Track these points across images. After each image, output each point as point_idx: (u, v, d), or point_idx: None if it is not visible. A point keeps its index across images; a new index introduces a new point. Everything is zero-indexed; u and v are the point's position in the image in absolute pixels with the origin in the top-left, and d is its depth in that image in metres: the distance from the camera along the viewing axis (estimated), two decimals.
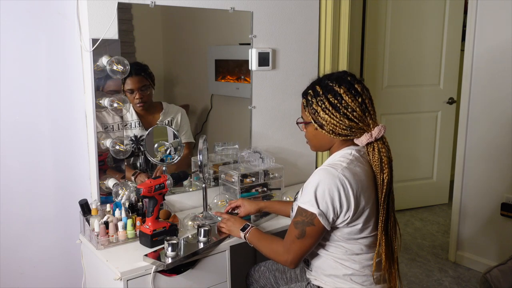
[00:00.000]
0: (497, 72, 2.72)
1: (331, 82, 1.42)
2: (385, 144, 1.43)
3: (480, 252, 2.92)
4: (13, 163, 1.85)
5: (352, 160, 1.42)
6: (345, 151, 1.46)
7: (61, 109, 1.92)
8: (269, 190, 2.19)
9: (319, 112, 1.42)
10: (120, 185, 1.87)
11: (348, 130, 1.41)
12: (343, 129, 1.41)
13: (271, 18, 2.34)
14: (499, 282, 1.95)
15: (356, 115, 1.39)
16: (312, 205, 1.37)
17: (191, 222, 1.92)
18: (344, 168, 1.38)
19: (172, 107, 2.13)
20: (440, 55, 3.76)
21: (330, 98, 1.40)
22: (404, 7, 3.60)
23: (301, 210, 1.40)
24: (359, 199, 1.38)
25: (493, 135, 2.78)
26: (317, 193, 1.36)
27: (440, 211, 3.93)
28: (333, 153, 1.49)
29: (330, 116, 1.40)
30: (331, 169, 1.38)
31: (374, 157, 1.42)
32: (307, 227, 1.39)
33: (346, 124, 1.40)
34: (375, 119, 1.43)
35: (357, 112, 1.39)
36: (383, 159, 1.42)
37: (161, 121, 2.09)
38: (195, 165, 2.21)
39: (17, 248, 1.91)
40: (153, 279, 1.58)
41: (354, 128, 1.40)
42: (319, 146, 1.52)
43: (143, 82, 2.01)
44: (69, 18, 1.85)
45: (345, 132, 1.41)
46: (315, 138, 1.50)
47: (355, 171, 1.39)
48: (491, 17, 2.71)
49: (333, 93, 1.40)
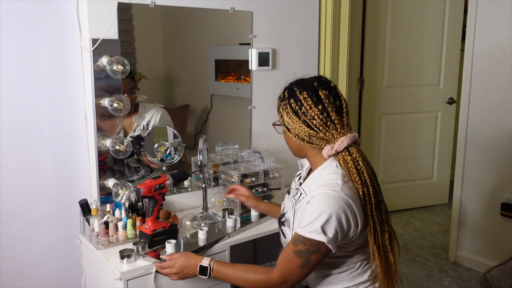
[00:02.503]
0: (497, 72, 2.72)
1: (296, 87, 1.39)
2: (351, 156, 1.33)
3: (480, 252, 2.92)
4: (13, 163, 1.85)
5: (343, 174, 1.34)
6: (329, 163, 1.38)
7: (61, 109, 1.92)
8: (269, 190, 2.18)
9: (284, 116, 1.40)
10: (120, 185, 1.87)
11: (308, 138, 1.36)
12: (304, 135, 1.36)
13: (271, 18, 2.34)
14: (499, 282, 1.95)
15: (316, 123, 1.33)
16: (319, 234, 1.28)
17: (189, 222, 1.92)
18: (342, 186, 1.30)
19: (149, 110, 2.06)
20: (440, 55, 3.76)
21: (292, 103, 1.37)
22: (404, 7, 3.60)
23: (305, 239, 1.30)
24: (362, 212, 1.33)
25: (493, 135, 2.78)
26: (323, 221, 1.27)
27: (440, 211, 3.93)
28: (315, 167, 1.43)
29: (292, 120, 1.37)
30: (330, 192, 1.29)
31: (345, 169, 1.33)
32: (313, 255, 1.30)
33: (306, 132, 1.35)
34: (342, 129, 1.34)
35: (317, 121, 1.33)
36: (352, 171, 1.32)
37: (137, 126, 2.03)
38: (195, 165, 2.21)
39: (17, 248, 1.91)
40: (153, 279, 1.58)
41: (314, 137, 1.35)
42: (293, 150, 1.49)
43: (131, 84, 2.00)
44: (69, 18, 1.85)
45: (306, 139, 1.37)
46: (287, 141, 1.49)
47: (350, 185, 1.32)
48: (491, 17, 2.71)
49: (294, 99, 1.37)
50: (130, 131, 2.02)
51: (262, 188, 2.16)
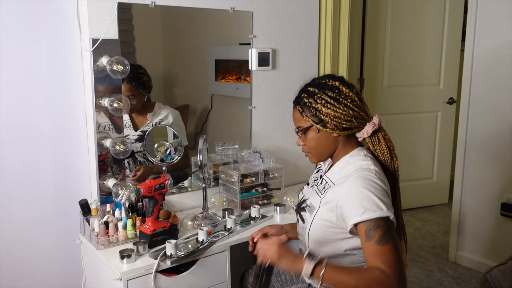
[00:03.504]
0: (497, 72, 2.72)
1: (322, 80, 1.44)
2: (385, 132, 1.45)
3: (480, 252, 2.92)
4: (13, 163, 1.85)
5: (372, 159, 1.42)
6: (356, 152, 1.44)
7: (61, 109, 1.92)
8: (269, 190, 2.19)
9: (321, 109, 1.40)
10: (120, 185, 1.87)
11: (352, 122, 1.40)
12: (347, 121, 1.40)
13: (271, 18, 2.34)
14: (499, 282, 1.95)
15: (356, 104, 1.41)
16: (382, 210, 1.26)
17: (190, 222, 1.93)
18: (376, 171, 1.36)
19: (164, 109, 2.11)
20: (440, 55, 3.76)
21: (329, 93, 1.40)
22: (404, 7, 3.60)
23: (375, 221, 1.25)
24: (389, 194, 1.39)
25: (493, 135, 2.78)
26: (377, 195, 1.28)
27: (440, 211, 3.93)
28: (339, 159, 1.46)
29: (333, 109, 1.39)
30: (367, 174, 1.34)
31: (381, 146, 1.43)
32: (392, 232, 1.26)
33: (350, 115, 1.39)
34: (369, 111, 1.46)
35: (357, 102, 1.41)
36: (390, 146, 1.44)
37: (150, 123, 2.08)
38: (195, 165, 2.21)
39: (17, 248, 1.91)
40: (153, 279, 1.58)
41: (357, 118, 1.41)
42: (322, 151, 1.47)
43: (132, 91, 2.01)
44: (69, 18, 1.85)
45: (350, 125, 1.40)
46: (317, 143, 1.45)
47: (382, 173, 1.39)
48: (491, 17, 2.71)
49: (329, 87, 1.41)
50: (142, 126, 2.08)
51: (262, 188, 2.16)
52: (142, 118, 2.08)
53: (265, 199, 2.17)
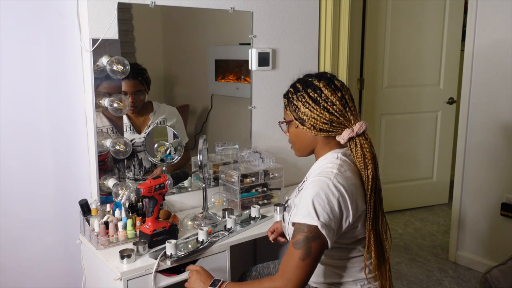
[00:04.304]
0: (497, 72, 2.72)
1: (310, 78, 1.45)
2: (367, 140, 1.41)
3: (480, 252, 2.92)
4: (13, 163, 1.85)
5: (341, 165, 1.38)
6: (331, 155, 1.43)
7: (61, 109, 1.92)
8: (269, 190, 2.19)
9: (300, 107, 1.42)
10: (120, 185, 1.87)
11: (329, 125, 1.39)
12: (324, 123, 1.39)
13: (271, 18, 2.34)
14: (499, 282, 1.95)
15: (336, 108, 1.38)
16: (312, 218, 1.28)
17: (190, 222, 1.93)
18: (336, 174, 1.34)
19: (163, 107, 2.12)
20: (440, 55, 3.76)
21: (310, 92, 1.41)
22: (404, 7, 3.60)
23: (301, 226, 1.30)
24: (357, 203, 1.35)
25: (493, 135, 2.78)
26: (315, 204, 1.29)
27: (440, 211, 3.93)
28: (319, 157, 1.47)
29: (310, 109, 1.40)
30: (323, 179, 1.33)
31: (357, 153, 1.39)
32: (313, 242, 1.27)
33: (326, 118, 1.38)
34: (356, 115, 1.42)
35: (337, 106, 1.39)
36: (366, 155, 1.39)
37: (153, 123, 2.08)
38: (195, 165, 2.21)
39: (17, 248, 1.91)
40: (153, 279, 1.58)
41: (335, 123, 1.39)
42: (302, 147, 1.49)
43: (138, 87, 2.01)
44: (69, 18, 1.85)
45: (326, 127, 1.39)
46: (297, 138, 1.49)
47: (346, 175, 1.36)
48: (491, 17, 2.71)
49: (312, 87, 1.41)
50: (145, 127, 2.06)
51: (262, 188, 2.16)
52: (143, 119, 2.08)
53: (265, 199, 2.17)
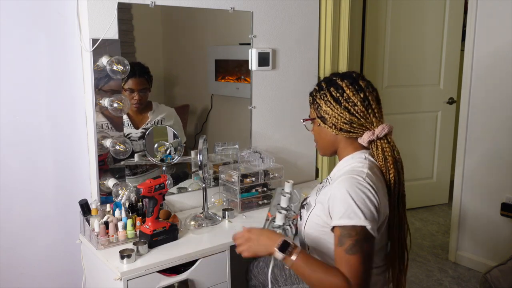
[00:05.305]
0: (497, 72, 2.72)
1: (335, 77, 1.43)
2: (389, 144, 1.39)
3: (480, 252, 2.92)
4: (13, 163, 1.85)
5: (370, 165, 1.36)
6: (358, 155, 1.41)
7: (61, 109, 1.92)
8: (269, 190, 2.19)
9: (322, 105, 1.41)
10: (120, 185, 1.87)
11: (349, 125, 1.38)
12: (344, 123, 1.38)
13: (271, 18, 2.34)
14: (499, 282, 1.95)
15: (358, 109, 1.36)
16: (359, 219, 1.23)
17: (193, 222, 1.91)
18: (367, 174, 1.31)
19: (162, 108, 2.13)
20: (440, 55, 3.76)
21: (332, 91, 1.39)
22: (404, 7, 3.60)
23: (349, 229, 1.24)
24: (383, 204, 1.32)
25: (493, 135, 2.78)
26: (357, 202, 1.25)
27: (440, 211, 3.93)
28: (343, 157, 1.45)
29: (331, 108, 1.39)
30: (355, 177, 1.30)
31: (378, 156, 1.38)
32: (365, 244, 1.23)
33: (347, 118, 1.37)
34: (380, 118, 1.40)
35: (359, 107, 1.36)
36: (387, 159, 1.38)
37: (151, 121, 2.09)
38: (195, 165, 2.21)
39: (17, 248, 1.91)
40: (153, 279, 1.58)
41: (355, 124, 1.37)
42: (325, 145, 1.48)
43: (144, 84, 2.03)
44: (69, 18, 1.85)
45: (346, 127, 1.38)
46: (319, 136, 1.48)
47: (376, 176, 1.34)
48: (491, 17, 2.71)
49: (335, 86, 1.40)
50: (143, 124, 2.08)
51: (262, 188, 2.16)
52: (142, 117, 2.08)
53: (265, 199, 2.17)
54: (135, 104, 2.01)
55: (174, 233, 1.75)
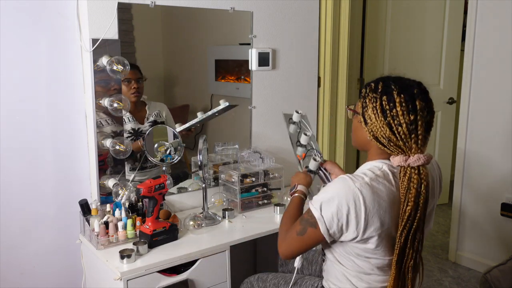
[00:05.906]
0: (497, 72, 2.72)
1: (394, 85, 1.28)
2: (419, 175, 1.25)
3: (480, 252, 2.92)
4: (13, 163, 1.85)
5: (379, 176, 1.28)
6: (377, 163, 1.33)
7: (61, 109, 1.92)
8: (269, 190, 2.19)
9: (368, 108, 1.30)
10: (120, 185, 1.87)
11: (386, 141, 1.27)
12: (382, 137, 1.27)
13: (271, 18, 2.34)
14: (499, 282, 1.95)
15: (400, 131, 1.24)
16: (316, 209, 1.29)
17: (192, 222, 1.92)
18: (364, 183, 1.25)
19: (154, 102, 2.16)
20: (440, 55, 3.76)
21: (383, 101, 1.27)
22: (404, 7, 3.60)
23: (309, 209, 1.33)
24: (372, 220, 1.25)
25: (493, 135, 2.78)
26: (325, 200, 1.27)
27: (440, 211, 3.93)
28: (368, 160, 1.38)
29: (375, 117, 1.27)
30: (350, 181, 1.26)
31: (402, 183, 1.26)
32: (309, 227, 1.31)
33: (386, 134, 1.26)
34: (422, 146, 1.27)
35: (402, 129, 1.24)
36: (410, 190, 1.25)
37: (150, 114, 2.11)
38: (195, 165, 2.21)
39: (17, 248, 1.91)
40: (153, 279, 1.58)
41: (392, 142, 1.27)
42: (357, 142, 1.42)
43: (138, 74, 2.05)
44: (69, 18, 1.85)
45: (383, 141, 1.28)
46: (356, 131, 1.40)
47: (376, 189, 1.26)
48: (491, 17, 2.71)
49: (388, 97, 1.27)
50: (144, 118, 2.10)
51: (262, 188, 2.16)
52: (141, 112, 2.11)
53: (265, 199, 2.17)
54: (134, 93, 2.03)
55: (174, 233, 1.75)
